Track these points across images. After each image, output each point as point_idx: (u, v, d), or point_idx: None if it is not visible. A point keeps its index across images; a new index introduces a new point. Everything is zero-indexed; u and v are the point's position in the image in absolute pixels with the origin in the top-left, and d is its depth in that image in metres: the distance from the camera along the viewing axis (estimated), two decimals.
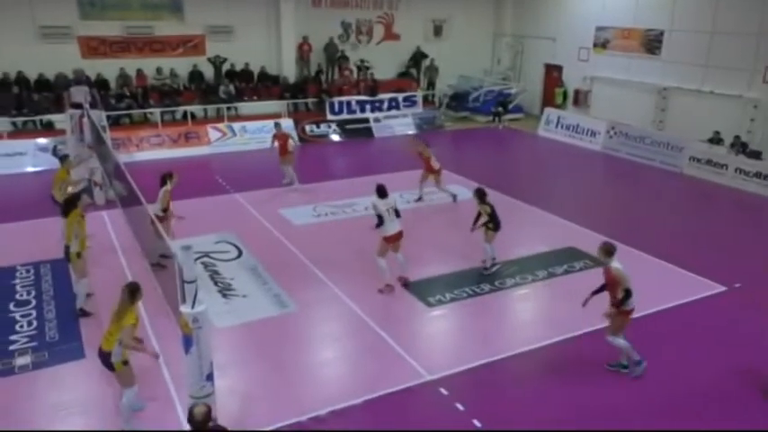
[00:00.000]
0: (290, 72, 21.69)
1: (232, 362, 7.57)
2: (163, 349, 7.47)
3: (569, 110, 22.07)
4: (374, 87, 21.85)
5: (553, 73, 23.69)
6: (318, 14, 21.99)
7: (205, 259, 10.42)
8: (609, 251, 7.13)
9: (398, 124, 21.53)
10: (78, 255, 8.35)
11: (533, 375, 7.45)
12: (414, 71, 23.98)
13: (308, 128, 20.12)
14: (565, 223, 12.51)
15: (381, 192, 9.27)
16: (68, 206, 8.54)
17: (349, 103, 21.17)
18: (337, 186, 14.85)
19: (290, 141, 14.37)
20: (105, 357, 6.06)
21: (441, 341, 8.41)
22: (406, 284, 9.55)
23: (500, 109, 22.51)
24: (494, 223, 9.82)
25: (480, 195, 9.85)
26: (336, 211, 13.01)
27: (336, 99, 20.99)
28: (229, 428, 5.02)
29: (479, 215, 9.85)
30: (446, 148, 20.11)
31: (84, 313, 8.48)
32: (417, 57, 23.91)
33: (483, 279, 9.85)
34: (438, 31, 24.63)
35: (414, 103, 22.28)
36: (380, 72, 22.80)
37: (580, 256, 10.77)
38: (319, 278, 9.83)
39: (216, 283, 9.63)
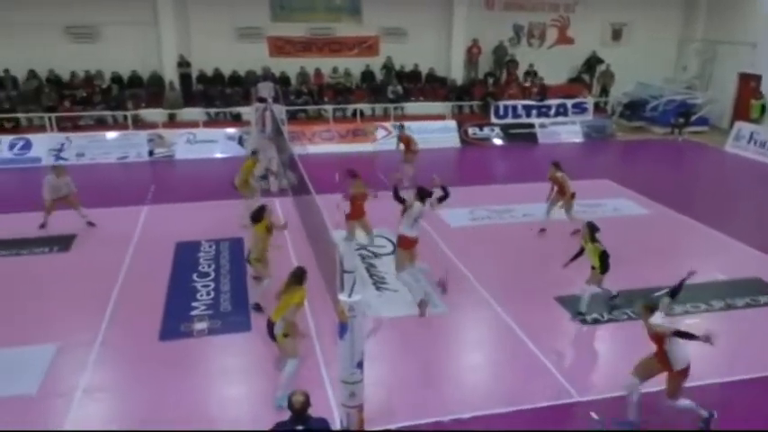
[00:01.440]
0: (457, 74, 21.83)
1: (379, 353, 7.81)
2: (318, 333, 7.96)
3: (766, 125, 19.64)
4: (542, 92, 21.22)
5: (750, 83, 21.23)
6: (491, 17, 21.85)
7: (362, 251, 10.86)
8: (648, 307, 6.26)
9: (565, 131, 20.71)
10: (258, 260, 8.84)
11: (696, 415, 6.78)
12: (586, 77, 22.90)
13: (470, 130, 20.09)
14: (751, 251, 11.19)
15: (422, 194, 8.93)
16: (257, 216, 8.85)
17: (515, 107, 20.78)
18: (496, 191, 14.67)
19: (414, 142, 14.43)
20: (270, 327, 6.78)
21: (593, 362, 7.97)
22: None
23: (681, 120, 20.71)
24: (603, 266, 8.62)
25: (591, 232, 8.64)
26: (494, 216, 12.86)
27: (502, 102, 20.71)
28: (368, 417, 5.11)
29: (581, 252, 8.74)
30: (616, 158, 18.99)
31: (259, 308, 8.74)
32: (591, 62, 22.80)
33: None
34: (617, 35, 23.28)
35: (584, 110, 21.28)
36: (550, 77, 22.08)
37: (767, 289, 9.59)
38: (471, 282, 9.79)
39: (371, 275, 10.01)
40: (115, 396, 6.99)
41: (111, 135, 17.80)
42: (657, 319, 6.22)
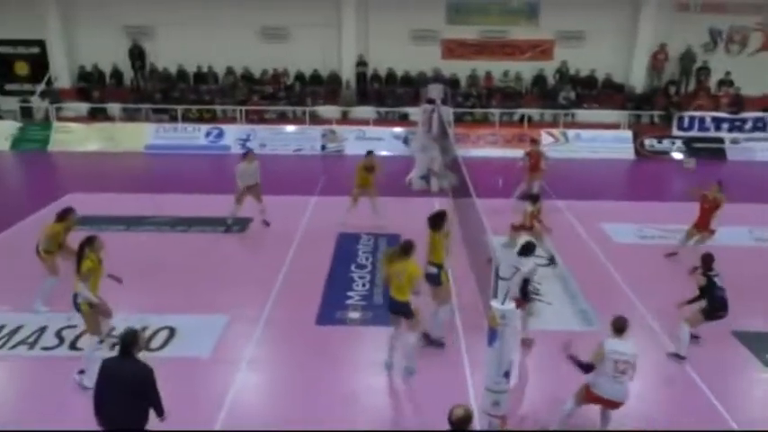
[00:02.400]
0: (637, 81, 20.45)
1: (529, 365, 7.60)
2: (467, 337, 7.96)
3: None
4: (737, 103, 19.10)
5: None
6: (683, 20, 20.11)
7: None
8: (616, 327, 6.04)
9: (763, 149, 18.48)
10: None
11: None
12: None
13: (647, 142, 18.74)
14: None
15: (526, 249, 7.81)
16: (439, 220, 8.11)
17: (702, 119, 18.95)
18: (671, 209, 13.49)
19: (543, 160, 13.33)
20: (401, 306, 7.06)
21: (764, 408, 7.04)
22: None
23: None
24: (709, 306, 7.51)
25: (705, 261, 7.69)
26: (665, 236, 11.86)
27: (687, 114, 18.99)
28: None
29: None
30: None
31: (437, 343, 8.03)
32: None
33: None
34: None
35: None
36: (749, 87, 19.78)
37: None
38: (633, 303, 9.14)
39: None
40: (273, 370, 7.58)
41: (290, 129, 19.27)
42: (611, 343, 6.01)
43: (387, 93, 20.46)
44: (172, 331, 8.18)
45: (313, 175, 16.14)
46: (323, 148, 18.83)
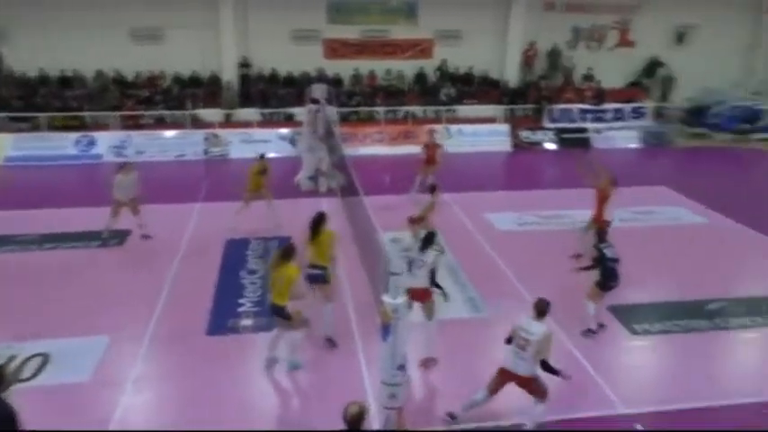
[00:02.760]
0: (511, 77, 21.55)
1: (418, 356, 7.79)
2: (361, 333, 8.02)
3: None
4: (599, 96, 20.69)
5: None
6: (549, 19, 21.46)
7: (407, 253, 10.81)
8: (537, 310, 6.31)
9: (622, 137, 20.16)
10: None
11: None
12: (646, 81, 22.19)
13: (523, 134, 19.79)
14: None
15: (428, 240, 7.72)
16: (319, 224, 7.86)
17: (570, 112, 20.33)
18: (546, 196, 14.38)
19: (439, 152, 13.74)
20: (279, 310, 7.07)
21: (642, 374, 7.70)
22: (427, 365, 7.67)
23: (747, 126, 19.80)
24: (601, 278, 8.02)
25: (599, 234, 8.19)
26: (543, 222, 12.62)
27: (556, 106, 20.30)
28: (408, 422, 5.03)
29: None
30: (675, 165, 18.33)
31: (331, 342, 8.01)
32: (652, 66, 22.06)
33: (700, 314, 8.79)
34: (681, 38, 22.46)
35: (642, 116, 20.65)
36: (609, 81, 21.50)
37: None
38: (517, 288, 9.64)
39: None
40: (162, 387, 7.22)
41: (170, 134, 18.42)
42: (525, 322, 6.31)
43: (271, 93, 20.13)
44: (45, 358, 7.54)
45: (196, 181, 15.55)
46: (206, 152, 18.17)
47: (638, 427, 6.48)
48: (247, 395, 7.02)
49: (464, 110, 20.48)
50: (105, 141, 17.76)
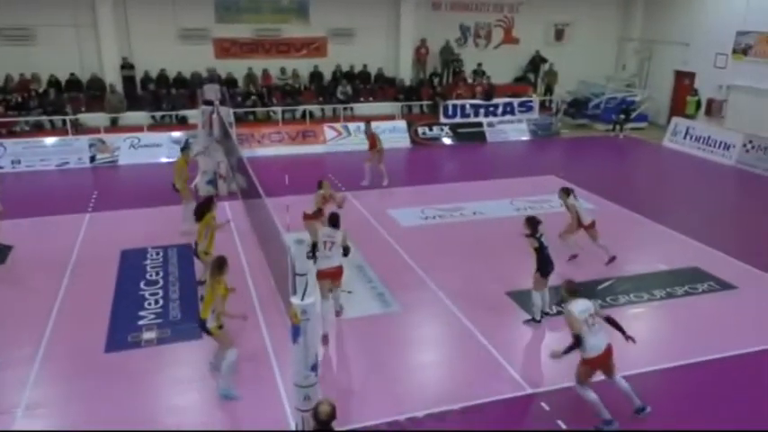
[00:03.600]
0: (406, 74, 21.97)
1: (334, 355, 7.79)
2: (271, 337, 7.89)
3: (701, 120, 20.51)
4: (490, 91, 21.57)
5: (684, 81, 22.15)
6: (438, 17, 22.09)
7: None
8: (569, 290, 6.57)
9: (513, 129, 21.11)
10: (206, 252, 8.79)
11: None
12: (531, 76, 23.43)
13: (420, 130, 20.23)
14: (689, 242, 11.66)
15: (333, 221, 8.25)
16: (203, 209, 9.00)
17: (463, 107, 21.03)
18: (446, 190, 14.82)
19: (378, 141, 14.89)
20: (201, 324, 6.86)
21: (545, 355, 8.13)
22: (326, 340, 7.91)
23: (622, 117, 21.42)
24: (540, 266, 8.36)
25: (531, 225, 8.28)
26: (444, 215, 12.98)
27: (450, 102, 20.94)
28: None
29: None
30: (561, 155, 19.47)
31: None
32: (536, 61, 23.33)
33: (594, 294, 9.41)
34: (559, 35, 23.89)
35: (530, 109, 21.73)
36: (497, 76, 22.47)
37: (704, 277, 10.02)
38: (423, 280, 9.86)
39: None
40: (58, 412, 6.72)
41: (50, 141, 17.10)
42: (574, 306, 6.38)
43: (162, 96, 19.23)
44: None
45: (84, 190, 14.54)
46: (92, 159, 17.06)
47: (545, 406, 6.83)
48: (154, 411, 6.69)
49: (361, 107, 20.62)
50: None
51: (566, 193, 10.43)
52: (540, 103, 22.23)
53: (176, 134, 17.86)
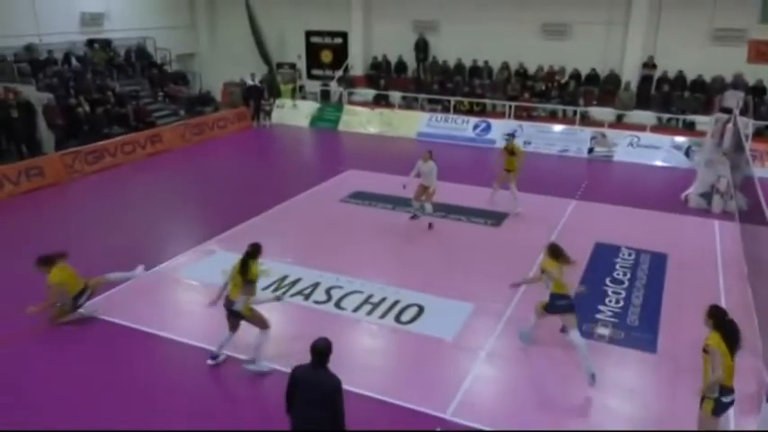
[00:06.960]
0: None
1: None
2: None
3: None
4: None
5: None
6: None
7: None
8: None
9: None
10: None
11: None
12: None
13: None
14: None
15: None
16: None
17: None
18: None
19: None
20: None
21: None
22: None
23: None
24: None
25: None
26: None
27: None
28: None
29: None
30: None
31: None
32: None
33: None
34: None
35: None
36: None
37: None
38: None
39: None
40: (509, 368, 7.54)
41: (558, 128, 18.71)
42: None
43: (673, 97, 18.58)
44: (421, 309, 8.68)
45: (576, 178, 15.45)
46: (590, 151, 17.91)
47: None
48: (583, 408, 6.81)
49: None
50: (499, 128, 19.06)
51: None
52: None
53: (679, 139, 17.10)
